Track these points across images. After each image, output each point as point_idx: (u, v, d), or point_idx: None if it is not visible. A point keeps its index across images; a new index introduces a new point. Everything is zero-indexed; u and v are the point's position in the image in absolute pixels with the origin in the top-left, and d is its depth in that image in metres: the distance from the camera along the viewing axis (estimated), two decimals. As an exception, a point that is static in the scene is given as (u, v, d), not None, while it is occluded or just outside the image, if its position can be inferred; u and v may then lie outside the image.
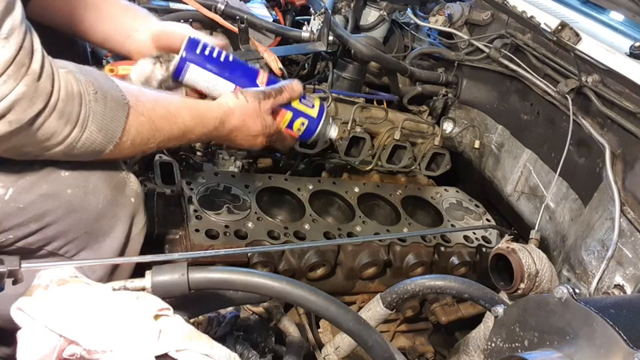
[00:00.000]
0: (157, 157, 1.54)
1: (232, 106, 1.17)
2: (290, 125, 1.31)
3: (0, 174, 0.96)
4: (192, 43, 1.23)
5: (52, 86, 0.85)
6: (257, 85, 1.25)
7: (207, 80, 1.23)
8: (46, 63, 0.85)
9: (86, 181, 1.05)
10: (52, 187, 1.02)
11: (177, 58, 1.22)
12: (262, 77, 1.28)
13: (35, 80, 0.83)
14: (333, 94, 1.91)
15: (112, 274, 1.16)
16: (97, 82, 0.93)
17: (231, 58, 1.25)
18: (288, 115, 1.29)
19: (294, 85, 1.28)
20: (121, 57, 1.34)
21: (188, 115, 1.09)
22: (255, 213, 1.57)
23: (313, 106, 1.32)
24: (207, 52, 1.22)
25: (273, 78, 1.30)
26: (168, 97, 1.13)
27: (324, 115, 1.33)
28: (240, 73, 1.26)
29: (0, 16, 0.77)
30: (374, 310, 1.29)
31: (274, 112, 1.27)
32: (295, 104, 1.30)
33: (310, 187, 1.76)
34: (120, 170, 1.13)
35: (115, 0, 1.30)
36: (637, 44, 1.65)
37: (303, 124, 1.31)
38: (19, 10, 0.81)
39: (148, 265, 0.89)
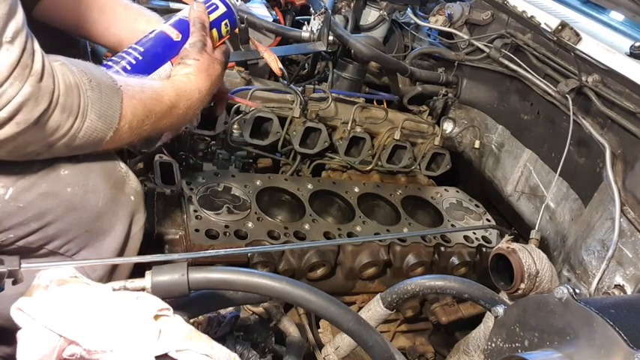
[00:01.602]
0: (156, 157, 1.54)
1: (195, 73, 1.17)
2: (221, 35, 1.28)
3: (0, 174, 0.97)
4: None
5: (53, 83, 0.87)
6: (178, 43, 1.21)
7: (152, 79, 1.20)
8: (45, 62, 0.86)
9: (86, 180, 1.06)
10: (52, 185, 1.02)
11: None
12: (172, 32, 1.22)
13: (38, 80, 0.84)
14: (333, 94, 1.91)
15: (112, 273, 1.16)
16: (89, 70, 0.95)
17: (142, 49, 1.18)
18: (214, 32, 1.27)
19: (197, 9, 1.23)
20: None
21: (172, 91, 1.10)
22: (255, 213, 1.57)
23: (217, 7, 1.27)
24: (127, 67, 1.16)
25: (177, 22, 1.23)
26: (149, 79, 1.15)
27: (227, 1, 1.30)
28: (159, 50, 1.20)
29: (4, 20, 0.78)
30: (374, 310, 1.29)
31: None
32: (211, 19, 1.26)
33: (310, 187, 1.76)
34: (119, 168, 1.13)
35: (128, 4, 1.31)
36: (637, 44, 1.65)
37: (226, 24, 1.29)
38: (20, 13, 0.82)
39: (148, 265, 0.89)
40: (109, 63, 1.15)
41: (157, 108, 1.06)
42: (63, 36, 1.30)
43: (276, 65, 1.63)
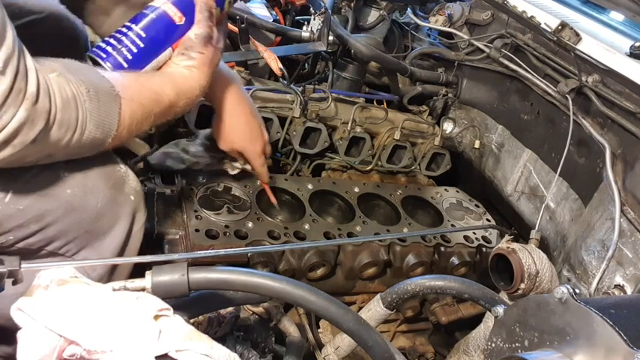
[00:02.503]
0: (157, 157, 1.54)
1: (198, 67, 1.13)
2: (222, 10, 1.21)
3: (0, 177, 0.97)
4: (115, 65, 1.09)
5: (50, 102, 0.85)
6: (180, 27, 1.13)
7: (152, 66, 1.15)
8: (40, 79, 0.83)
9: (85, 181, 1.06)
10: (51, 187, 1.02)
11: None
12: (174, 14, 1.13)
13: (33, 103, 0.82)
14: (333, 94, 1.91)
15: (112, 272, 1.16)
16: (87, 78, 0.93)
17: (143, 33, 1.11)
18: (217, 10, 1.18)
19: None
20: None
21: (171, 90, 1.08)
22: (255, 213, 1.57)
23: None
24: (128, 57, 1.10)
25: (179, 0, 1.15)
26: (148, 75, 1.10)
27: None
28: (161, 35, 1.13)
29: None
30: (374, 310, 1.29)
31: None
32: None
33: (310, 187, 1.76)
34: (118, 168, 1.13)
35: None
36: (637, 44, 1.65)
37: (230, 2, 1.22)
38: (10, 36, 0.78)
39: (148, 265, 0.89)
40: (108, 48, 1.10)
41: (156, 109, 1.05)
42: (62, 36, 1.30)
43: (276, 65, 1.63)
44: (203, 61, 1.13)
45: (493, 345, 0.89)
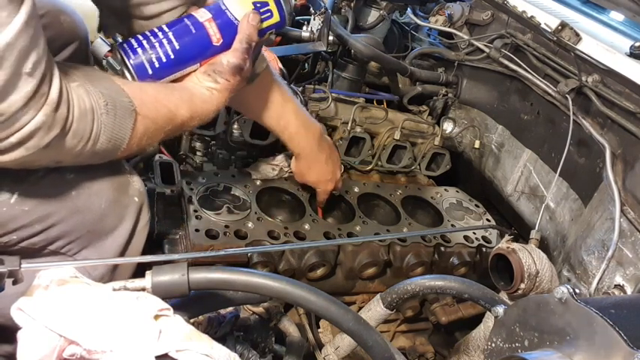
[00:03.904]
0: (156, 157, 1.54)
1: (220, 90, 1.11)
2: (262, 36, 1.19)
3: (6, 178, 0.97)
4: (141, 68, 1.08)
5: (68, 111, 0.85)
6: (215, 48, 1.11)
7: (175, 76, 1.13)
8: (63, 88, 0.84)
9: (90, 183, 1.06)
10: (57, 189, 1.02)
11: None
12: (214, 34, 1.10)
13: (54, 110, 0.83)
14: (333, 94, 1.91)
15: (113, 271, 1.17)
16: (106, 90, 0.93)
17: (177, 44, 1.09)
18: (257, 39, 1.16)
19: (252, 22, 1.11)
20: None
21: (186, 111, 1.07)
22: (255, 213, 1.57)
23: (272, 14, 1.17)
24: (155, 64, 1.08)
25: (222, 20, 1.12)
26: (167, 91, 1.08)
27: (283, 4, 1.19)
28: (195, 51, 1.11)
29: (25, 52, 0.77)
30: (374, 310, 1.29)
31: None
32: (260, 27, 1.16)
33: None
34: (123, 171, 1.13)
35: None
36: (637, 44, 1.65)
37: (271, 33, 1.20)
38: (42, 41, 0.80)
39: (148, 265, 0.89)
40: (138, 50, 1.07)
41: (168, 127, 1.05)
42: (62, 32, 1.30)
43: (276, 65, 1.63)
44: (226, 88, 1.11)
45: (493, 345, 0.89)
